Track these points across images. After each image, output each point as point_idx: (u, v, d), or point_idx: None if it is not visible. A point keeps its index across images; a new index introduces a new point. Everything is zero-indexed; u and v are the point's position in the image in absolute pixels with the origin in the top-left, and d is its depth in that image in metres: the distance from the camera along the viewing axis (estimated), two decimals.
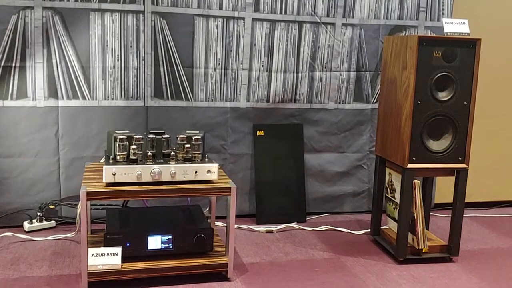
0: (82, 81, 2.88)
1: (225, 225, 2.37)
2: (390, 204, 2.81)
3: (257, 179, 3.18)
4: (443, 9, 3.30)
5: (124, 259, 2.24)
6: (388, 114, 2.71)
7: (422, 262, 2.64)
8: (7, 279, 2.29)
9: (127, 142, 2.28)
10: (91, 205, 2.74)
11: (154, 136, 2.36)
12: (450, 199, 2.67)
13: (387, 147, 2.72)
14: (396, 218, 2.69)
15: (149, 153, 2.29)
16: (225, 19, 3.01)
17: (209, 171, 2.30)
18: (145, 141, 2.34)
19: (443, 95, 2.53)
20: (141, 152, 2.30)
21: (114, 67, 2.90)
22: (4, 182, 2.85)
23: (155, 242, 2.32)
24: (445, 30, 2.52)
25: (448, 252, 2.68)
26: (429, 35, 3.22)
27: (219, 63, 3.05)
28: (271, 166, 3.20)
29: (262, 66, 3.11)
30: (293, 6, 3.09)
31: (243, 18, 3.04)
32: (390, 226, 2.87)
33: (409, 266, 2.60)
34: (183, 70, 3.00)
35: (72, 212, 2.91)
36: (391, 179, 2.75)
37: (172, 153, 2.32)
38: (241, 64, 3.08)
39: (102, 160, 2.59)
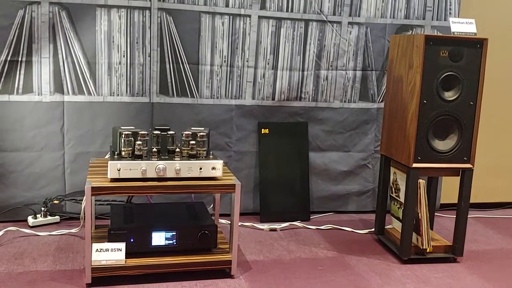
0: (88, 76, 2.88)
1: (229, 222, 2.37)
2: (394, 204, 2.80)
3: (262, 177, 3.18)
4: (450, 9, 3.29)
5: (128, 254, 2.24)
6: (393, 113, 2.70)
7: (426, 262, 2.63)
8: (11, 273, 2.30)
9: (132, 138, 2.28)
10: (95, 200, 2.74)
11: (159, 132, 2.36)
12: (455, 200, 2.66)
13: (392, 146, 2.72)
14: (401, 217, 2.68)
15: (154, 149, 2.29)
16: (231, 17, 3.01)
17: (213, 168, 2.30)
18: (150, 137, 2.34)
19: (449, 95, 2.52)
20: (146, 148, 2.30)
21: (120, 63, 2.91)
22: (10, 176, 2.86)
23: (159, 238, 2.32)
24: (452, 30, 2.51)
25: (453, 253, 2.67)
26: (436, 34, 3.21)
27: (225, 61, 3.04)
28: (275, 164, 3.20)
29: (268, 63, 3.11)
30: (300, 4, 3.08)
31: (249, 16, 3.03)
32: (394, 225, 2.86)
33: (413, 266, 2.59)
34: (188, 67, 3.00)
35: (76, 208, 2.91)
36: (396, 179, 2.74)
37: (177, 150, 2.32)
38: (247, 61, 3.08)
39: (107, 156, 2.59)
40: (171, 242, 2.34)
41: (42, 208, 2.87)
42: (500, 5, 3.45)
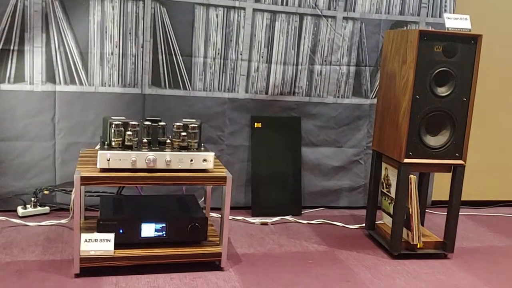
0: (80, 66, 2.86)
1: (220, 216, 2.35)
2: (385, 199, 2.80)
3: (254, 171, 3.17)
4: (445, 6, 3.28)
5: (117, 245, 2.23)
6: (386, 108, 2.70)
7: (416, 258, 2.63)
8: None
9: (122, 128, 2.26)
10: (85, 192, 2.72)
11: (150, 123, 2.34)
12: (447, 198, 2.65)
13: (384, 141, 2.71)
14: (391, 213, 2.68)
15: (145, 140, 2.28)
16: (225, 9, 3.00)
17: (204, 160, 2.29)
18: (141, 128, 2.33)
19: (442, 91, 2.51)
20: (137, 138, 2.28)
21: (112, 53, 2.89)
22: (0, 165, 2.83)
23: (148, 229, 2.31)
24: (447, 25, 2.50)
25: (443, 249, 2.67)
26: (430, 29, 3.20)
27: (218, 53, 3.03)
28: (268, 159, 3.19)
29: (262, 57, 3.10)
30: None
31: (244, 8, 3.02)
32: (385, 221, 2.86)
33: (404, 261, 2.59)
34: (181, 58, 2.98)
35: (67, 198, 2.90)
36: (387, 174, 2.74)
37: (168, 141, 2.30)
38: (241, 54, 3.06)
39: (97, 146, 2.57)
40: (160, 233, 2.32)
41: (32, 199, 2.85)
42: (495, 2, 3.45)
